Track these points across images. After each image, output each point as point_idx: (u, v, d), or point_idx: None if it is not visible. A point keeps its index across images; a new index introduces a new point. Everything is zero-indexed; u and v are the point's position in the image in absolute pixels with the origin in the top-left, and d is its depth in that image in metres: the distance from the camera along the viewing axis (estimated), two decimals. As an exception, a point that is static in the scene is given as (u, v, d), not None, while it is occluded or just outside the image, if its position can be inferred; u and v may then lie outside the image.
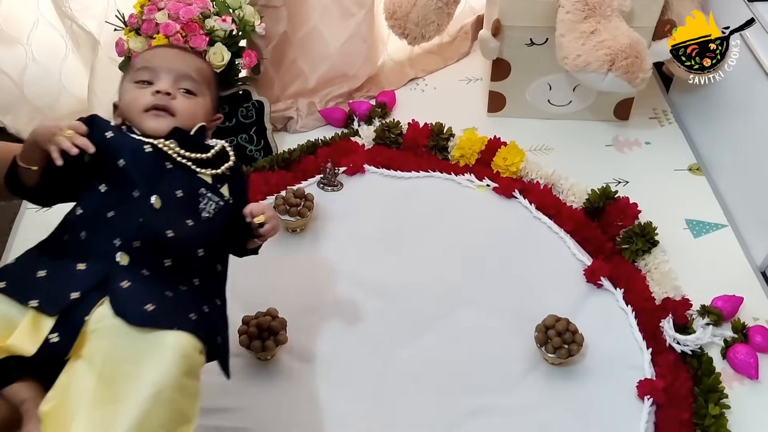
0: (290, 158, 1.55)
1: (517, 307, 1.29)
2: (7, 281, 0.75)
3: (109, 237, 0.79)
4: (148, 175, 0.84)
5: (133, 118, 0.89)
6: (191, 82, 0.92)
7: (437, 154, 1.57)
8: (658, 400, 1.15)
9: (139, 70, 0.91)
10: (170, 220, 0.83)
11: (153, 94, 0.88)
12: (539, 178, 1.50)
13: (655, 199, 1.46)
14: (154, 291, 0.78)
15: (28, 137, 0.81)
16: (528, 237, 1.41)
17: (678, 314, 1.26)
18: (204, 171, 0.89)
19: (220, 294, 0.90)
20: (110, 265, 0.77)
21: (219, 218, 0.88)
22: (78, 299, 0.74)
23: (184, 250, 0.83)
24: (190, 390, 0.74)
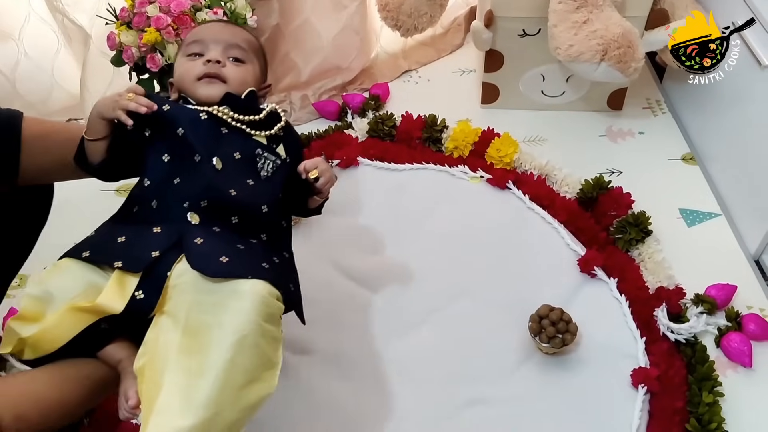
0: None
1: (511, 298, 1.29)
2: (90, 250, 0.78)
3: (178, 201, 0.83)
4: (207, 141, 0.87)
5: (187, 88, 0.93)
6: (239, 51, 0.96)
7: (431, 146, 1.57)
8: (652, 388, 1.16)
9: (190, 44, 0.96)
10: (232, 180, 0.86)
11: (204, 64, 0.93)
12: (533, 168, 1.50)
13: (648, 189, 1.47)
14: (226, 244, 0.81)
15: (91, 114, 0.86)
16: (522, 228, 1.41)
17: (672, 303, 1.26)
18: (258, 133, 0.92)
19: (287, 248, 0.93)
20: (183, 226, 0.81)
21: (278, 177, 0.92)
22: (158, 257, 0.77)
23: (249, 207, 0.87)
24: (272, 335, 0.77)
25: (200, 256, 0.78)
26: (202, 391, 0.71)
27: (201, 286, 0.76)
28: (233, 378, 0.73)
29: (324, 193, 0.95)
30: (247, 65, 0.97)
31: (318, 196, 0.96)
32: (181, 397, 0.71)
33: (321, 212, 1.00)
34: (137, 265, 0.77)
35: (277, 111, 0.96)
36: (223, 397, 0.72)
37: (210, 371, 0.72)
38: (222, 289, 0.75)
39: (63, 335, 0.77)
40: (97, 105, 0.86)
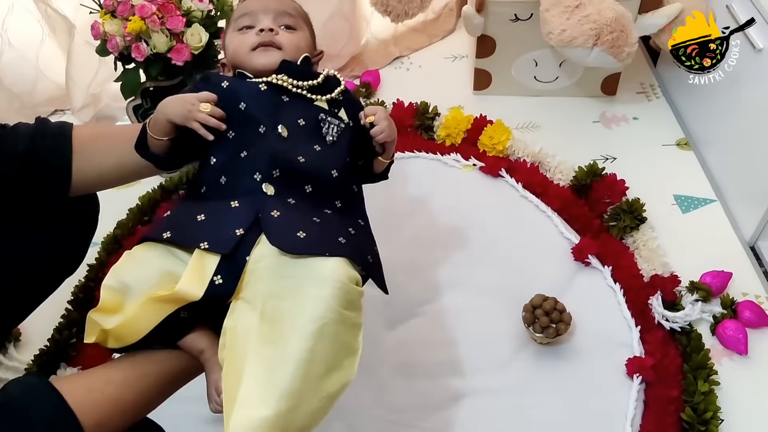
0: None
1: (504, 288, 1.28)
2: (171, 231, 0.77)
3: (249, 174, 0.82)
4: (269, 110, 0.86)
5: (243, 61, 0.92)
6: (290, 18, 0.96)
7: (423, 133, 1.56)
8: (647, 377, 1.15)
9: (239, 18, 0.95)
10: (299, 147, 0.85)
11: (257, 34, 0.92)
12: (526, 156, 1.49)
13: (643, 175, 1.45)
14: (302, 218, 0.79)
15: (158, 114, 0.84)
16: (515, 216, 1.40)
17: (667, 291, 1.25)
18: (319, 97, 0.91)
19: (362, 214, 0.92)
20: (259, 197, 0.80)
21: (343, 140, 0.90)
22: (242, 236, 0.75)
23: (319, 173, 0.85)
24: (351, 321, 0.75)
25: (278, 230, 0.77)
26: (283, 382, 0.70)
27: (279, 271, 0.75)
28: (313, 367, 0.71)
29: (387, 152, 0.93)
30: (298, 32, 0.97)
31: (382, 157, 0.93)
32: (262, 388, 0.70)
33: (388, 177, 0.98)
34: (224, 246, 0.75)
35: (336, 75, 0.95)
36: (304, 387, 0.71)
37: (289, 361, 0.70)
38: (300, 271, 0.74)
39: (144, 327, 0.76)
40: (166, 108, 0.84)
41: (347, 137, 0.91)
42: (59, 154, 0.89)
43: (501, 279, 1.30)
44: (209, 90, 0.87)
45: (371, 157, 0.94)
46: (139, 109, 1.47)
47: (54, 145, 0.89)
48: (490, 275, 1.30)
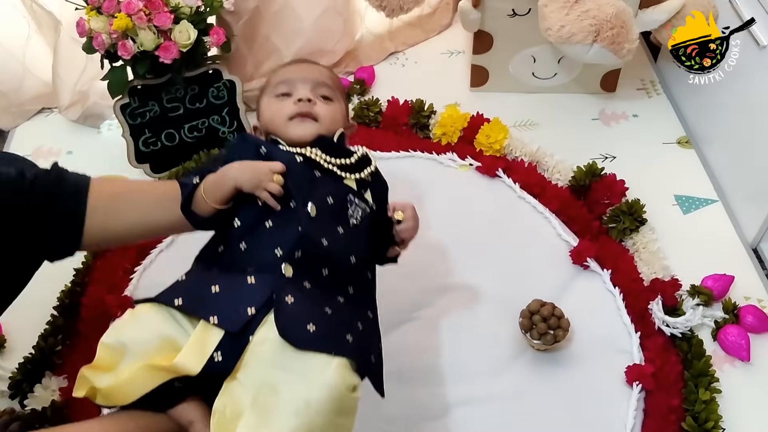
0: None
1: (501, 292, 1.25)
2: (183, 297, 0.76)
3: (270, 247, 0.80)
4: (302, 184, 0.85)
5: (279, 129, 0.92)
6: (327, 89, 0.96)
7: (418, 132, 1.52)
8: (647, 386, 1.12)
9: (277, 84, 0.95)
10: (324, 228, 0.84)
11: (295, 103, 0.91)
12: (523, 155, 1.45)
13: (643, 175, 1.42)
14: (315, 307, 0.79)
15: (224, 179, 0.83)
16: (512, 218, 1.36)
17: (667, 295, 1.22)
18: (349, 176, 0.90)
19: (372, 304, 0.90)
20: (277, 278, 0.78)
21: (365, 224, 0.89)
22: (253, 315, 0.75)
23: (339, 258, 0.84)
24: (342, 428, 0.74)
25: (288, 319, 0.75)
26: None
27: (280, 360, 0.73)
28: None
29: (405, 243, 0.93)
30: (335, 103, 0.96)
31: (399, 247, 0.93)
32: None
33: (397, 261, 0.97)
34: (234, 324, 0.74)
35: (367, 154, 0.94)
36: None
37: None
38: (301, 367, 0.73)
39: (136, 391, 0.75)
40: (236, 176, 0.83)
41: (368, 221, 0.90)
42: (72, 216, 0.87)
43: (497, 283, 1.27)
44: (247, 152, 0.87)
45: (387, 243, 0.94)
46: (126, 108, 1.43)
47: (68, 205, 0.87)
48: (487, 279, 1.27)
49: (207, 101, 1.47)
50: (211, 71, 1.46)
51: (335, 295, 0.83)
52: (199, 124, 1.48)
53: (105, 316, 1.21)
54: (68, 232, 0.87)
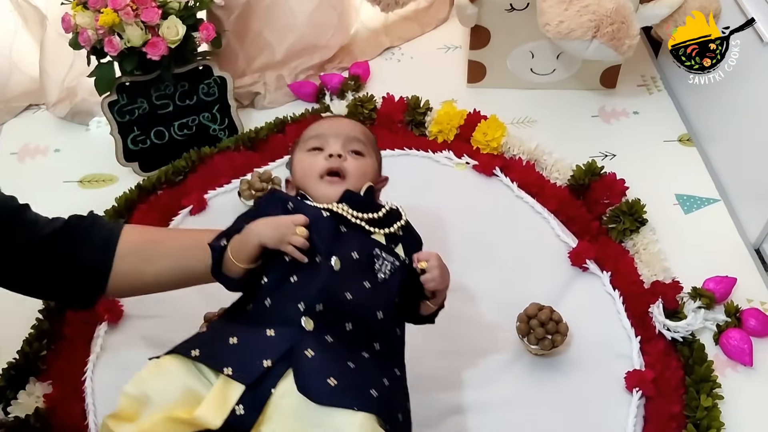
0: (257, 138, 1.45)
1: (497, 294, 1.22)
2: (201, 349, 0.76)
3: (293, 301, 0.81)
4: (327, 239, 0.85)
5: (308, 186, 0.93)
6: (359, 143, 0.96)
7: (414, 130, 1.48)
8: (647, 392, 1.09)
9: (309, 139, 0.96)
10: (349, 282, 0.83)
11: (326, 159, 0.92)
12: (521, 153, 1.41)
13: (643, 173, 1.39)
14: (337, 362, 0.78)
15: (249, 237, 0.84)
16: (510, 218, 1.33)
17: (668, 298, 1.19)
18: (377, 231, 0.89)
19: (400, 362, 0.89)
20: (296, 331, 0.78)
21: (395, 279, 0.88)
22: (269, 368, 0.74)
23: (364, 313, 0.83)
24: None
25: (308, 373, 0.75)
26: None
27: (302, 414, 0.73)
28: None
29: (438, 298, 0.91)
30: (366, 159, 0.96)
31: (431, 302, 0.91)
32: None
33: (434, 321, 0.95)
34: (248, 376, 0.74)
35: (398, 209, 0.94)
36: None
37: None
38: (325, 421, 0.72)
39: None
40: (259, 232, 0.83)
41: (399, 276, 0.88)
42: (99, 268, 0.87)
43: (494, 285, 1.24)
44: (276, 208, 0.88)
45: (419, 299, 0.91)
46: (115, 105, 1.40)
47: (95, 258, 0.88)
48: (483, 281, 1.24)
49: (197, 98, 1.44)
50: (201, 67, 1.42)
51: (360, 350, 0.82)
52: (189, 122, 1.44)
53: (91, 320, 1.18)
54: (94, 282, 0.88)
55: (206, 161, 1.40)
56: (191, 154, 1.42)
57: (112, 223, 0.91)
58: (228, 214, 1.33)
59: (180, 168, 1.40)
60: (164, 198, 1.36)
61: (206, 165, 1.40)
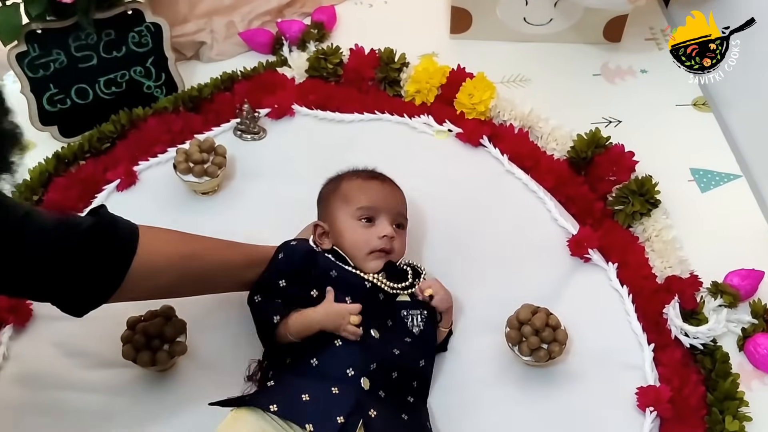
0: (199, 96, 1.29)
1: (483, 292, 1.06)
2: (278, 404, 0.83)
3: (342, 365, 0.89)
4: (368, 309, 0.92)
5: (357, 256, 0.98)
6: (402, 218, 1.03)
7: (387, 89, 1.32)
8: (663, 413, 0.94)
9: (361, 208, 1.00)
10: (391, 341, 0.93)
11: (380, 239, 0.98)
12: (513, 119, 1.26)
13: (652, 144, 1.24)
14: (394, 417, 0.89)
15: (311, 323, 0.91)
16: (498, 197, 1.17)
17: (686, 296, 1.04)
18: (402, 293, 0.99)
19: (427, 393, 0.98)
20: (356, 389, 0.87)
21: (430, 326, 0.98)
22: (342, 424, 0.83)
23: (409, 364, 0.94)
24: None
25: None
26: None
27: None
28: None
29: (446, 320, 1.00)
30: (404, 230, 1.03)
31: (442, 326, 1.00)
32: None
33: (446, 348, 1.02)
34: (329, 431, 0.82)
35: (417, 268, 1.02)
36: None
37: None
38: None
39: None
40: (320, 321, 0.91)
41: (432, 322, 0.98)
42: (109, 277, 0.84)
43: (478, 280, 1.08)
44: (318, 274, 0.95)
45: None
46: (24, 57, 1.20)
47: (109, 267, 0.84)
48: (465, 276, 1.07)
49: (126, 49, 1.27)
50: (130, 12, 1.25)
51: (405, 395, 0.93)
52: (118, 78, 1.28)
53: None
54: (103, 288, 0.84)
55: (138, 125, 1.24)
56: (120, 117, 1.25)
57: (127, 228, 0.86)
58: (162, 190, 1.15)
59: (107, 133, 1.24)
60: (87, 170, 1.19)
61: (138, 130, 1.24)
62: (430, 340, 0.97)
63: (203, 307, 1.00)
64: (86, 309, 0.84)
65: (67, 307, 0.83)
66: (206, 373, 0.97)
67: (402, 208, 1.04)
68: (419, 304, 0.98)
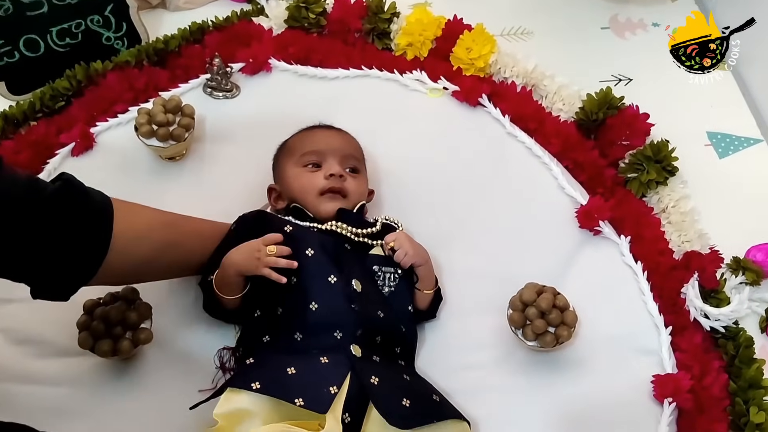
0: (165, 50, 1.18)
1: (482, 269, 1.00)
2: (261, 382, 0.78)
3: (326, 330, 0.85)
4: (338, 261, 0.89)
5: (308, 202, 0.96)
6: (354, 161, 1.00)
7: (375, 42, 1.25)
8: (682, 404, 0.87)
9: (306, 154, 0.98)
10: (373, 301, 0.89)
11: (326, 178, 0.96)
12: (515, 76, 1.19)
13: (665, 105, 1.19)
14: (395, 379, 0.84)
15: (226, 269, 0.85)
16: (499, 163, 1.10)
17: (706, 274, 0.97)
18: (376, 244, 0.94)
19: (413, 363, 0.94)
20: (348, 357, 0.83)
21: (403, 287, 0.93)
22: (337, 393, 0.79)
23: (392, 327, 0.90)
24: None
25: (386, 401, 0.80)
26: None
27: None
28: None
29: (423, 280, 0.93)
30: (361, 176, 1.00)
31: (422, 288, 0.94)
32: None
33: (436, 315, 0.97)
34: (321, 406, 0.77)
35: (393, 223, 0.98)
36: None
37: None
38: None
39: None
40: (233, 262, 0.85)
41: (407, 283, 0.93)
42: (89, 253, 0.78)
43: (477, 256, 1.01)
44: (271, 231, 0.89)
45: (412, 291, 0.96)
46: None
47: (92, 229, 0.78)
48: (463, 251, 1.01)
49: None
50: None
51: (395, 359, 0.89)
52: (73, 28, 1.18)
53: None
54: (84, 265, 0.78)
55: (96, 82, 1.14)
56: (76, 72, 1.14)
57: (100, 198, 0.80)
58: (122, 156, 1.05)
59: (61, 91, 1.13)
60: (38, 131, 1.09)
61: (96, 87, 1.14)
62: (405, 302, 0.92)
63: (169, 290, 0.91)
64: (71, 284, 0.77)
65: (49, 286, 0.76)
66: (173, 361, 0.88)
67: (354, 151, 1.01)
68: (392, 261, 0.93)
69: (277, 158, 1.01)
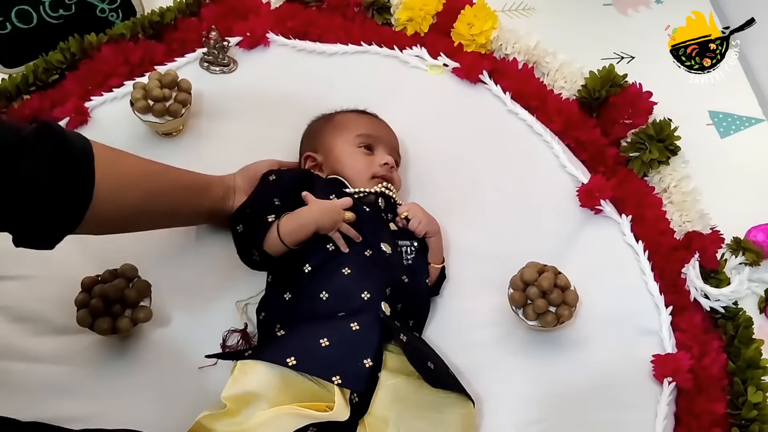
0: (161, 22, 1.15)
1: (483, 248, 0.98)
2: (296, 357, 0.77)
3: (356, 292, 0.85)
4: (374, 227, 0.91)
5: (356, 180, 0.96)
6: (397, 156, 1.02)
7: (375, 16, 1.22)
8: (682, 383, 0.87)
9: (361, 135, 0.98)
10: (399, 266, 0.91)
11: (381, 165, 0.97)
12: (516, 53, 1.17)
13: (667, 83, 1.14)
14: (419, 343, 0.86)
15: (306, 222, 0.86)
16: (500, 141, 1.08)
17: (707, 255, 0.96)
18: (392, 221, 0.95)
19: None
20: (377, 317, 0.82)
21: (420, 260, 0.94)
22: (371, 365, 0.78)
23: (414, 292, 0.91)
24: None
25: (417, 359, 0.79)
26: None
27: (410, 392, 0.79)
28: None
29: (433, 252, 0.94)
30: (398, 169, 1.02)
31: (432, 260, 0.94)
32: None
33: (439, 292, 0.96)
34: (359, 384, 0.77)
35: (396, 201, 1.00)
36: None
37: None
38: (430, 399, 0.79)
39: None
40: (316, 220, 0.87)
41: (423, 255, 0.94)
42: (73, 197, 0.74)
43: (478, 234, 1.00)
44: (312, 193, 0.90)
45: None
46: None
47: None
48: (463, 229, 1.00)
49: None
50: None
51: (414, 329, 0.91)
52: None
53: None
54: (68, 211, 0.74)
55: (91, 55, 1.11)
56: (70, 45, 1.11)
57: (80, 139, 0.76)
58: (117, 131, 1.03)
59: (54, 64, 1.10)
60: (31, 105, 1.07)
61: (91, 60, 1.10)
62: (422, 274, 0.93)
63: (170, 266, 0.90)
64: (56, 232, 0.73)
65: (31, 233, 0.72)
66: (173, 340, 0.87)
67: (397, 145, 1.02)
68: (408, 234, 0.94)
69: (321, 130, 1.00)
